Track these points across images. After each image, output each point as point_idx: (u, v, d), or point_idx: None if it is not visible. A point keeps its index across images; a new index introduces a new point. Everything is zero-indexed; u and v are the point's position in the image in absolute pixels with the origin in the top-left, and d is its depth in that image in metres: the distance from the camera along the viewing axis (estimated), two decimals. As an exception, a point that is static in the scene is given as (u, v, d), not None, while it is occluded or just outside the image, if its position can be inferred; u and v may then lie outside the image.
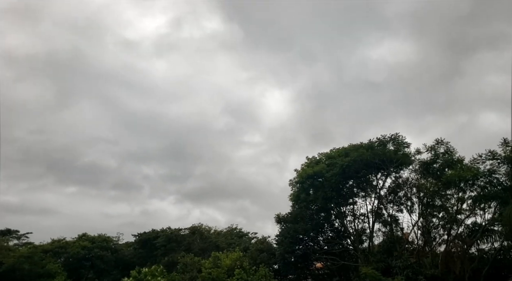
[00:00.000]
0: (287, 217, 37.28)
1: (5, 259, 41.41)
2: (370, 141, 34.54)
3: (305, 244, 35.88)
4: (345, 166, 32.78)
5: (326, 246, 36.04)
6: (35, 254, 44.64)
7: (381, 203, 35.25)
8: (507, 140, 28.96)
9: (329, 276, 37.42)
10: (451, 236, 32.24)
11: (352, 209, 36.95)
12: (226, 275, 33.21)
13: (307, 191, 35.14)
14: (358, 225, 36.78)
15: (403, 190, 34.47)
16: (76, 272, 50.98)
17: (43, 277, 41.89)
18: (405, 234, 34.86)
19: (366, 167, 33.52)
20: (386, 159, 32.74)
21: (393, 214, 35.27)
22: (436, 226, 33.66)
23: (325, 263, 36.97)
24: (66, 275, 44.70)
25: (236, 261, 34.41)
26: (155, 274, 33.01)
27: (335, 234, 36.71)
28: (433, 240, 33.45)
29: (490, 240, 31.06)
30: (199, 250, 47.60)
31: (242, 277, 32.44)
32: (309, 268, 37.84)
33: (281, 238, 36.19)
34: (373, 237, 35.64)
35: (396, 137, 33.97)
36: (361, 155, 32.76)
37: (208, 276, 33.37)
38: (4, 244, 49.61)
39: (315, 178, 34.21)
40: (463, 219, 32.14)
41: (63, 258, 51.46)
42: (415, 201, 33.77)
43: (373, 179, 35.41)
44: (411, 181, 33.97)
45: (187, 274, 36.66)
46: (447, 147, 32.42)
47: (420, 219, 33.54)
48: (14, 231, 54.81)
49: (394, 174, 34.80)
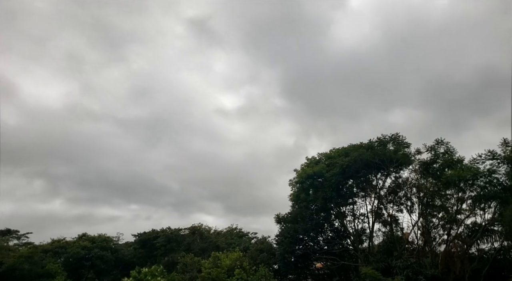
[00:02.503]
0: (287, 217, 37.27)
1: (5, 259, 41.35)
2: (370, 141, 34.50)
3: (305, 244, 35.87)
4: (345, 166, 32.77)
5: (326, 246, 36.00)
6: (35, 254, 44.59)
7: (381, 203, 35.22)
8: (507, 140, 28.97)
9: (329, 276, 37.42)
10: (451, 236, 32.23)
11: (352, 209, 36.95)
12: (226, 275, 33.19)
13: (307, 191, 35.11)
14: (358, 225, 36.85)
15: (403, 190, 34.43)
16: (76, 272, 51.00)
17: (43, 277, 41.82)
18: (405, 234, 34.83)
19: (366, 167, 33.48)
20: (386, 159, 32.70)
21: (393, 214, 35.29)
22: (436, 226, 33.66)
23: (325, 263, 36.97)
24: (66, 275, 44.64)
25: (236, 261, 34.39)
26: (155, 274, 32.97)
27: (335, 234, 36.69)
28: (433, 240, 33.42)
29: (490, 240, 31.08)
30: (199, 250, 47.60)
31: (242, 277, 32.42)
32: (309, 268, 37.85)
33: (281, 238, 36.17)
34: (373, 237, 35.65)
35: (396, 137, 33.92)
36: (361, 155, 32.73)
37: (208, 276, 33.34)
38: (4, 244, 49.57)
39: (315, 178, 34.19)
40: (463, 219, 32.13)
41: (63, 258, 51.42)
42: (415, 201, 33.76)
43: (373, 179, 35.37)
44: (411, 181, 33.96)
45: (187, 274, 36.65)
46: (447, 147, 32.42)
47: (420, 219, 33.52)
48: (14, 231, 54.78)
49: (394, 174, 34.78)
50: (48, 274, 42.28)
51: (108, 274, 52.85)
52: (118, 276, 47.06)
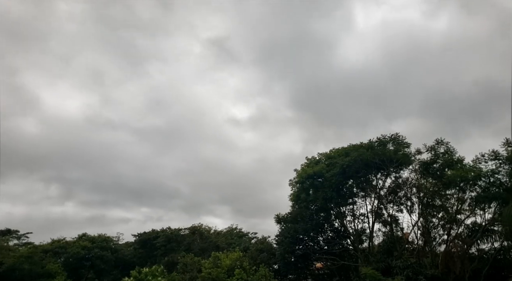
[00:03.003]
0: (287, 217, 37.27)
1: (5, 259, 41.38)
2: (370, 141, 34.49)
3: (305, 244, 35.86)
4: (345, 166, 32.75)
5: (326, 246, 35.99)
6: (35, 254, 44.62)
7: (381, 203, 35.21)
8: (509, 140, 28.89)
9: (329, 276, 37.41)
10: (451, 236, 32.21)
11: (352, 209, 36.94)
12: (226, 275, 33.19)
13: (307, 191, 35.10)
14: (358, 225, 36.82)
15: (403, 190, 34.42)
16: (76, 272, 50.99)
17: (43, 277, 41.85)
18: (405, 234, 34.83)
19: (366, 167, 33.46)
20: (386, 159, 32.68)
21: (393, 214, 35.27)
22: (436, 226, 33.64)
23: (325, 263, 36.95)
24: (66, 275, 44.68)
25: (236, 261, 34.40)
26: (156, 274, 32.95)
27: (335, 234, 36.69)
28: (433, 240, 33.40)
29: (490, 240, 31.03)
30: (199, 250, 47.62)
31: (242, 277, 32.43)
32: (309, 268, 37.84)
33: (281, 238, 36.17)
34: (373, 237, 35.64)
35: (396, 137, 33.92)
36: (361, 155, 32.71)
37: (208, 276, 33.34)
38: (4, 244, 49.61)
39: (315, 178, 34.19)
40: (463, 219, 32.11)
41: (63, 258, 51.45)
42: (415, 201, 33.74)
43: (373, 179, 35.35)
44: (411, 181, 33.93)
45: (187, 274, 36.67)
46: (447, 147, 32.39)
47: (420, 219, 33.50)
48: (14, 231, 54.84)
49: (394, 174, 34.75)
50: (48, 274, 42.31)
51: (108, 274, 52.87)
52: (118, 276, 47.06)
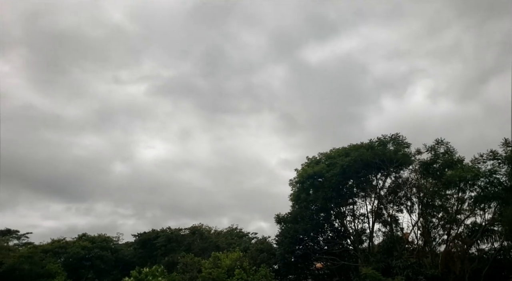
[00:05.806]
0: (287, 217, 37.28)
1: (5, 259, 41.40)
2: (371, 141, 34.49)
3: (305, 244, 35.87)
4: (345, 166, 32.77)
5: (326, 246, 36.03)
6: (35, 254, 44.67)
7: (381, 203, 35.23)
8: (508, 140, 28.92)
9: (329, 276, 37.39)
10: (451, 236, 32.23)
11: (352, 209, 36.96)
12: (226, 275, 33.21)
13: (307, 191, 35.12)
14: (358, 225, 36.83)
15: (403, 190, 34.42)
16: (76, 272, 50.95)
17: (43, 277, 41.87)
18: (405, 234, 34.84)
19: (366, 167, 33.49)
20: (386, 159, 32.70)
21: (393, 214, 35.27)
22: (436, 226, 33.65)
23: (325, 263, 36.95)
24: (66, 275, 44.67)
25: (236, 261, 34.44)
26: (156, 274, 32.97)
27: (335, 234, 36.71)
28: (433, 240, 33.42)
29: (490, 240, 31.06)
30: (199, 250, 47.63)
31: (242, 277, 32.45)
32: (309, 268, 37.84)
33: (281, 238, 36.19)
34: (373, 237, 35.66)
35: (396, 137, 33.93)
36: (361, 155, 32.73)
37: (208, 276, 33.36)
38: (4, 244, 49.67)
39: (315, 178, 34.20)
40: (463, 219, 32.12)
41: (63, 258, 51.49)
42: (415, 201, 33.75)
43: (373, 179, 35.37)
44: (411, 181, 33.94)
45: (187, 274, 36.67)
46: (447, 147, 32.41)
47: (420, 219, 33.51)
48: (14, 231, 54.92)
49: (394, 174, 34.76)
50: (48, 274, 42.33)
51: (108, 274, 52.85)
52: (118, 276, 47.08)
